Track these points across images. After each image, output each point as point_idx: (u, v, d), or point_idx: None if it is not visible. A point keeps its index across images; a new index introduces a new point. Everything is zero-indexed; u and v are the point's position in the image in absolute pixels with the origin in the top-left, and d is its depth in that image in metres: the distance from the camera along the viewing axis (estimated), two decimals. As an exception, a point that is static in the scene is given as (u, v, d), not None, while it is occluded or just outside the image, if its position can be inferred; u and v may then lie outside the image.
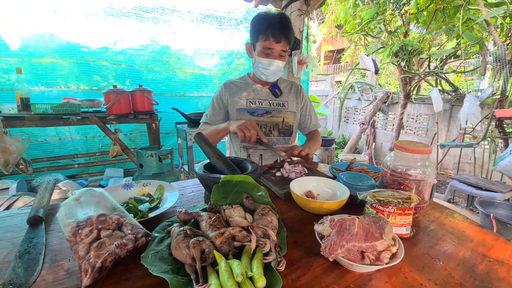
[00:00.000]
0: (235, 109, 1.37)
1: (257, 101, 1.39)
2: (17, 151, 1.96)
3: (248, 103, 1.38)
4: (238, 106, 1.37)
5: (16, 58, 2.58)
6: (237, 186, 0.71)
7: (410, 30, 4.35)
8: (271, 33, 1.20)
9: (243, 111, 1.37)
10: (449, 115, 4.45)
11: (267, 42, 1.22)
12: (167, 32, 3.22)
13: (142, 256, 0.52)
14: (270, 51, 1.24)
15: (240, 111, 1.37)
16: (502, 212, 2.35)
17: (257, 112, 1.38)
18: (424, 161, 0.74)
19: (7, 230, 0.67)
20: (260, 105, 1.39)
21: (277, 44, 1.22)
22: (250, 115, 1.37)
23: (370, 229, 0.56)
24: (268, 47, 1.23)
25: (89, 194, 0.60)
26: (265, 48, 1.23)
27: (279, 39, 1.21)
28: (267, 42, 1.22)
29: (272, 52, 1.24)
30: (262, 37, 1.22)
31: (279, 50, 1.24)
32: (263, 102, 1.39)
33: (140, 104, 2.48)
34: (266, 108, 1.39)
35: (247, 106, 1.37)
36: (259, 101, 1.39)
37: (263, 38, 1.22)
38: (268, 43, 1.22)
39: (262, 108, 1.39)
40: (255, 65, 1.31)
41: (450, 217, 0.81)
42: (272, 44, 1.22)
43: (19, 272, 0.51)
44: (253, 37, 1.27)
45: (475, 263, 0.59)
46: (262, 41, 1.22)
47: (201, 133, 0.87)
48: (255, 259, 0.51)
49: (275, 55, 1.25)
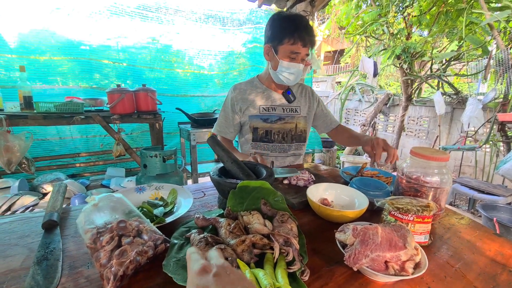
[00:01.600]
0: (247, 116, 1.33)
1: (271, 108, 1.35)
2: (20, 150, 1.94)
3: (262, 110, 1.34)
4: (250, 113, 1.33)
5: (15, 55, 2.56)
6: (253, 191, 0.71)
7: (412, 33, 4.36)
8: (298, 36, 1.15)
9: (256, 118, 1.33)
10: (450, 118, 4.47)
11: (294, 46, 1.16)
12: (170, 32, 3.20)
13: (164, 264, 0.52)
14: (295, 56, 1.19)
15: (252, 118, 1.33)
16: (505, 216, 2.36)
17: (271, 119, 1.34)
18: (441, 168, 0.74)
19: (23, 235, 0.66)
20: (273, 111, 1.35)
21: (303, 48, 1.17)
22: (263, 122, 1.33)
23: (393, 238, 0.55)
24: (295, 52, 1.17)
25: (108, 200, 0.59)
26: (292, 52, 1.18)
27: (306, 43, 1.16)
28: (294, 46, 1.16)
29: (297, 56, 1.19)
30: (288, 40, 1.16)
31: (304, 54, 1.19)
32: (276, 109, 1.35)
33: (144, 104, 2.46)
34: (279, 114, 1.35)
35: (260, 112, 1.33)
36: (273, 107, 1.35)
37: (290, 42, 1.16)
38: (296, 47, 1.16)
39: (275, 114, 1.34)
40: (278, 69, 1.24)
41: (466, 224, 0.81)
42: (299, 48, 1.17)
43: (38, 279, 0.50)
44: (276, 39, 1.20)
45: (496, 273, 0.59)
46: (289, 45, 1.17)
47: (214, 136, 0.86)
48: (278, 268, 0.51)
49: (299, 59, 1.20)
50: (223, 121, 1.37)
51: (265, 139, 1.34)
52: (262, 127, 1.33)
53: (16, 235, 0.66)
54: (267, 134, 1.34)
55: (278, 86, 1.36)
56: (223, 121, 1.37)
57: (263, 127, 1.33)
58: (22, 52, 2.58)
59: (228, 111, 1.36)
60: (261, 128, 1.33)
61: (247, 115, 1.33)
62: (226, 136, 1.37)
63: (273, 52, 1.23)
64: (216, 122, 1.40)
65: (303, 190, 0.92)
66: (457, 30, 3.89)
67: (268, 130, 1.34)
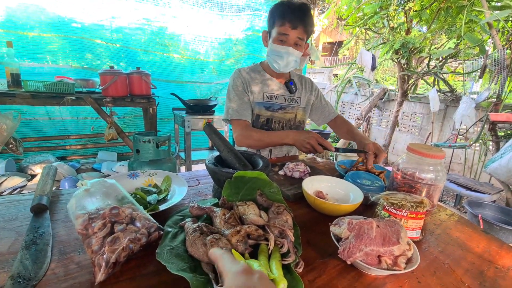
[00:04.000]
0: (254, 102, 1.30)
1: (273, 96, 1.33)
2: (7, 129, 1.88)
3: (265, 97, 1.31)
4: (256, 99, 1.30)
5: (1, 30, 2.43)
6: (249, 182, 0.70)
7: (412, 28, 4.34)
8: (288, 18, 1.13)
9: (260, 105, 1.30)
10: (443, 115, 4.52)
11: (282, 28, 1.15)
12: (166, 14, 3.09)
13: (157, 253, 0.51)
14: (285, 38, 1.16)
15: (256, 104, 1.30)
16: (489, 213, 2.44)
17: (273, 107, 1.32)
18: (436, 165, 0.75)
19: (10, 218, 0.64)
20: (276, 100, 1.33)
21: (292, 31, 1.14)
22: (266, 110, 1.31)
23: (387, 233, 0.56)
24: (283, 33, 1.15)
25: (100, 185, 0.58)
26: (280, 34, 1.16)
27: (295, 25, 1.13)
28: (282, 28, 1.15)
29: (287, 38, 1.16)
30: (278, 22, 1.15)
31: (294, 37, 1.16)
32: (278, 97, 1.33)
33: (138, 87, 2.40)
34: (281, 103, 1.33)
35: (263, 100, 1.31)
36: (275, 96, 1.33)
37: (279, 23, 1.15)
38: (284, 29, 1.14)
39: (277, 103, 1.33)
40: (269, 53, 1.24)
41: (456, 221, 0.83)
42: (287, 30, 1.14)
43: (27, 264, 0.49)
44: (270, 24, 1.20)
45: (483, 269, 0.61)
46: (278, 27, 1.16)
47: (211, 124, 0.84)
48: (273, 260, 0.51)
49: (290, 42, 1.16)
50: (239, 104, 1.27)
51: (265, 127, 1.33)
52: (264, 114, 1.32)
53: (2, 218, 0.64)
54: (267, 122, 1.33)
55: (280, 75, 1.34)
56: (239, 103, 1.27)
57: (265, 115, 1.32)
58: (9, 26, 2.45)
59: (241, 93, 1.28)
60: (263, 116, 1.32)
61: (254, 101, 1.31)
62: (246, 118, 1.27)
63: (268, 37, 1.23)
64: (227, 108, 1.30)
65: (298, 182, 0.92)
66: (455, 27, 3.88)
67: (269, 118, 1.33)
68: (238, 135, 1.25)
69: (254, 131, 1.25)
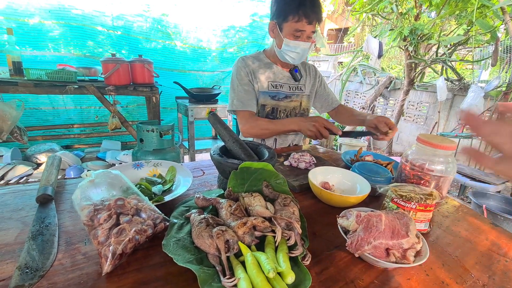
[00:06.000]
0: (259, 92, 1.28)
1: (278, 85, 1.30)
2: (11, 118, 1.88)
3: (270, 86, 1.29)
4: (261, 89, 1.28)
5: (1, 17, 2.39)
6: (255, 173, 0.69)
7: (421, 13, 4.19)
8: (303, 13, 1.08)
9: (265, 95, 1.28)
10: (450, 105, 4.44)
11: (299, 24, 1.10)
12: (168, 1, 3.02)
13: (163, 244, 0.50)
14: (300, 33, 1.13)
15: (261, 94, 1.28)
16: (493, 203, 2.43)
17: (278, 96, 1.30)
18: (447, 157, 0.73)
19: (16, 208, 0.64)
20: (281, 88, 1.31)
21: (309, 26, 1.11)
22: (271, 99, 1.29)
23: (396, 226, 0.55)
24: (300, 29, 1.11)
25: (105, 176, 0.57)
26: (297, 30, 1.12)
27: (311, 20, 1.10)
28: (299, 24, 1.10)
29: (302, 34, 1.13)
30: (293, 17, 1.10)
31: (309, 31, 1.13)
32: (283, 86, 1.31)
33: (140, 76, 2.37)
34: (286, 92, 1.31)
35: (269, 89, 1.29)
36: (280, 84, 1.31)
37: (295, 19, 1.10)
38: (301, 25, 1.11)
39: (282, 92, 1.31)
40: (283, 48, 1.18)
41: (465, 214, 0.81)
42: (304, 26, 1.11)
43: (34, 255, 0.49)
44: (280, 16, 1.14)
45: (492, 262, 0.60)
46: (293, 22, 1.11)
47: (215, 113, 0.82)
48: (280, 252, 0.50)
49: (304, 37, 1.14)
50: (243, 94, 1.25)
51: (270, 116, 1.32)
52: (269, 104, 1.30)
53: (9, 208, 0.64)
54: (273, 111, 1.31)
55: (284, 63, 1.31)
56: (243, 94, 1.25)
57: (270, 104, 1.30)
58: (9, 13, 2.41)
59: (245, 83, 1.26)
60: (269, 105, 1.30)
61: (259, 90, 1.29)
62: (252, 108, 1.26)
63: (278, 29, 1.17)
64: (232, 98, 1.28)
65: (304, 172, 0.91)
66: (466, 13, 3.74)
67: (274, 107, 1.31)
68: (244, 126, 1.23)
69: (260, 120, 1.24)
